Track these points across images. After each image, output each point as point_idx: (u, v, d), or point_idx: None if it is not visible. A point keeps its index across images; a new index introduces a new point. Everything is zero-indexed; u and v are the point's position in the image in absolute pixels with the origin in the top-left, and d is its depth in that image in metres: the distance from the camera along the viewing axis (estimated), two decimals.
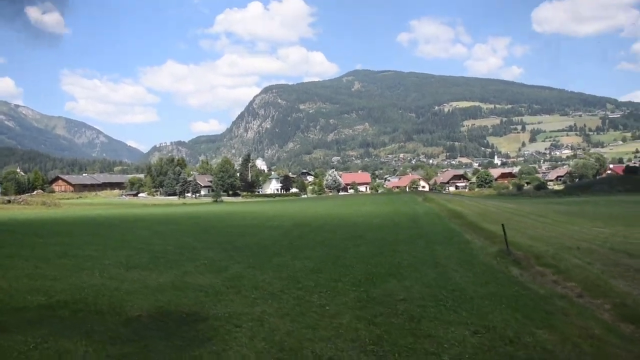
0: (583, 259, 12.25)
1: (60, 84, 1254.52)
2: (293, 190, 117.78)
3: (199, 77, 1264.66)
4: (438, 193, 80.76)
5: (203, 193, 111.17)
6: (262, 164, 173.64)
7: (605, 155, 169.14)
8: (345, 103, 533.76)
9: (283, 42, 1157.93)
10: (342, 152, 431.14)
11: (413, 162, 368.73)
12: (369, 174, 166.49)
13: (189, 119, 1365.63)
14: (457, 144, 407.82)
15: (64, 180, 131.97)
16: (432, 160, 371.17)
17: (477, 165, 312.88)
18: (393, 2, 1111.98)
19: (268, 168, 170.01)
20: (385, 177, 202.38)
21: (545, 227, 20.82)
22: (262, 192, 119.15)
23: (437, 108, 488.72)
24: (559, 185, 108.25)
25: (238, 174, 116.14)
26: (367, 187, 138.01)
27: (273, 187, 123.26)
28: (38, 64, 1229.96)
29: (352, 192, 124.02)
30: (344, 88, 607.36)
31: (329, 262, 12.82)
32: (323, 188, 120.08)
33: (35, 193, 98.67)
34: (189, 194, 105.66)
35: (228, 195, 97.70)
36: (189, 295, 9.33)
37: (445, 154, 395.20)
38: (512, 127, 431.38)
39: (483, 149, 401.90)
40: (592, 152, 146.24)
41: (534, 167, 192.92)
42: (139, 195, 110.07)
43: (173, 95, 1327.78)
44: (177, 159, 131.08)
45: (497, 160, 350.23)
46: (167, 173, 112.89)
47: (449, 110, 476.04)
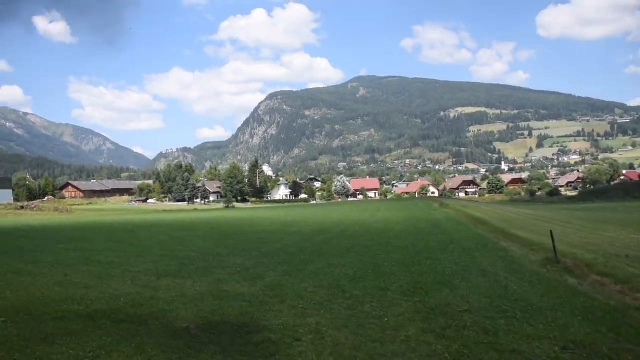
0: (638, 268, 11.62)
1: (67, 92, 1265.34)
2: (302, 196, 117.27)
3: (204, 84, 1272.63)
4: (452, 199, 79.92)
5: (212, 199, 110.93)
6: (268, 170, 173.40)
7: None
8: (351, 109, 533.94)
9: (287, 48, 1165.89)
10: (347, 158, 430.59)
11: (419, 168, 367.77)
12: (378, 180, 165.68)
13: (195, 126, 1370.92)
14: (463, 150, 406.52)
15: (74, 187, 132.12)
16: (438, 166, 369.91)
17: (484, 171, 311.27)
18: (396, 7, 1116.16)
19: (275, 174, 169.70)
20: (393, 183, 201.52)
21: (578, 233, 20.15)
22: (270, 197, 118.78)
23: (442, 114, 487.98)
24: (571, 191, 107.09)
25: (246, 180, 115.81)
26: (376, 193, 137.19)
27: (282, 192, 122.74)
28: (45, 72, 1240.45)
29: (361, 198, 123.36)
30: (349, 94, 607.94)
31: (368, 270, 12.26)
32: (332, 194, 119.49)
33: (47, 199, 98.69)
34: (198, 200, 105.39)
35: (237, 201, 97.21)
36: (233, 305, 8.81)
37: (452, 160, 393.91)
38: (518, 132, 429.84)
39: (490, 155, 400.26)
40: (604, 157, 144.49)
41: (544, 173, 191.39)
42: (148, 202, 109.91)
43: (178, 102, 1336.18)
44: (185, 165, 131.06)
45: (504, 166, 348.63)
46: (175, 179, 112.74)
47: (455, 116, 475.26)
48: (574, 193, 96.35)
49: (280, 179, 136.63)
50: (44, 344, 6.36)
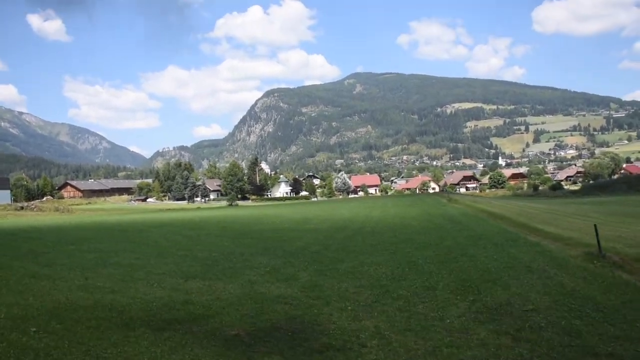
0: None
1: (63, 91, 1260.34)
2: (303, 194, 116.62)
3: (200, 81, 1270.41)
4: (459, 194, 79.44)
5: (212, 197, 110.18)
6: (265, 168, 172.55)
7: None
8: (347, 106, 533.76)
9: (283, 45, 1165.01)
10: (345, 154, 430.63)
11: (417, 163, 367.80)
12: (378, 177, 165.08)
13: (191, 124, 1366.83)
14: (460, 145, 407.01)
15: (73, 186, 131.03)
16: (435, 162, 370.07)
17: (481, 167, 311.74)
18: (392, 3, 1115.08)
19: (274, 171, 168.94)
20: (392, 179, 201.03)
21: (606, 227, 19.60)
22: (271, 195, 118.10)
23: (439, 109, 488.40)
24: (574, 186, 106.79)
25: (246, 178, 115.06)
26: (376, 189, 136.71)
27: (282, 190, 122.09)
28: (40, 71, 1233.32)
29: (361, 194, 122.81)
30: (346, 91, 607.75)
31: (405, 268, 11.69)
32: (333, 191, 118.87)
33: (45, 199, 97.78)
34: (198, 199, 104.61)
35: (237, 199, 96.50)
36: (276, 309, 8.23)
37: (449, 156, 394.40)
38: (515, 127, 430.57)
39: (487, 150, 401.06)
40: (605, 151, 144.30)
41: (542, 167, 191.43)
42: (148, 201, 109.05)
43: (175, 101, 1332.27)
44: (184, 164, 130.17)
45: (501, 161, 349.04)
46: (174, 178, 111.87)
47: (452, 112, 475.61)
48: (577, 187, 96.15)
49: (281, 177, 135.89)
50: (88, 357, 5.77)
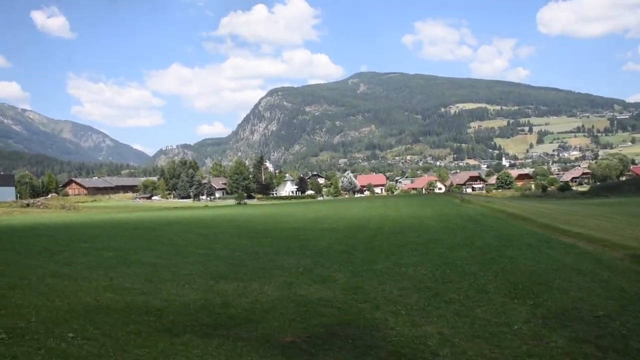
0: None
1: (66, 88, 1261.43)
2: (308, 192, 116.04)
3: (204, 80, 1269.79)
4: (469, 195, 78.65)
5: (218, 196, 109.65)
6: (269, 167, 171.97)
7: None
8: (351, 105, 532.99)
9: (287, 44, 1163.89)
10: (348, 154, 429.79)
11: (420, 163, 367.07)
12: (385, 176, 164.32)
13: (195, 122, 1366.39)
14: (464, 146, 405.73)
15: (78, 184, 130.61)
16: (439, 162, 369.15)
17: (485, 167, 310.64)
18: (397, 3, 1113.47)
19: (278, 170, 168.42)
20: (397, 178, 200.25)
21: (636, 229, 19.06)
22: (276, 194, 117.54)
23: (443, 110, 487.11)
24: (582, 187, 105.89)
25: (251, 176, 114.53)
26: (382, 189, 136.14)
27: (288, 189, 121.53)
28: (44, 68, 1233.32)
29: (367, 194, 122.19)
30: (350, 90, 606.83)
31: (444, 269, 11.13)
32: (339, 190, 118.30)
33: (50, 196, 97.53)
34: (204, 197, 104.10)
35: (243, 198, 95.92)
36: (323, 312, 7.70)
37: (453, 156, 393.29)
38: (519, 128, 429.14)
39: (490, 151, 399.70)
40: (614, 152, 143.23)
41: (547, 168, 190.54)
42: (153, 198, 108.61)
43: (178, 99, 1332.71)
44: (189, 162, 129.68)
45: (505, 162, 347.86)
46: (180, 175, 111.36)
47: (456, 112, 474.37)
48: (585, 189, 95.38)
49: (286, 175, 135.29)
50: None
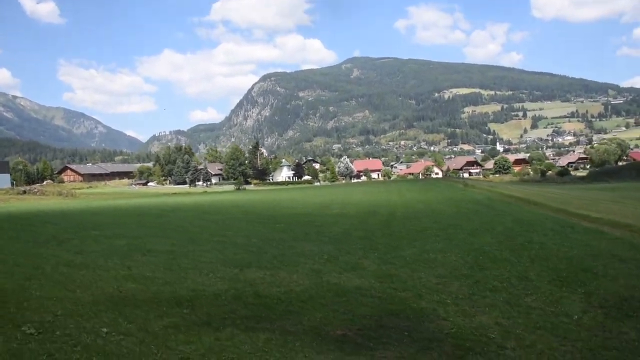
0: None
1: (57, 74, 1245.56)
2: (305, 178, 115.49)
3: (196, 65, 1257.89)
4: (470, 179, 78.44)
5: (214, 181, 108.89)
6: (264, 152, 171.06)
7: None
8: (345, 90, 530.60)
9: (280, 29, 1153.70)
10: (342, 139, 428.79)
11: (414, 149, 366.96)
12: (381, 161, 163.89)
13: (187, 108, 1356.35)
14: (458, 131, 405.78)
15: (73, 170, 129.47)
16: (433, 147, 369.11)
17: (479, 152, 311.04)
18: None
19: (273, 155, 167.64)
20: (392, 164, 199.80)
21: None
22: (273, 179, 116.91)
23: (437, 95, 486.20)
24: (580, 172, 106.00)
25: (247, 162, 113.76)
26: (378, 174, 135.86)
27: (284, 174, 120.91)
28: (34, 55, 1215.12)
29: (364, 179, 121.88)
30: (343, 75, 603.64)
31: (476, 255, 10.78)
32: (336, 175, 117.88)
33: (46, 183, 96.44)
34: (200, 183, 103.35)
35: (242, 183, 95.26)
36: (365, 302, 7.33)
37: (447, 141, 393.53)
38: (513, 113, 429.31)
39: (484, 136, 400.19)
40: (612, 137, 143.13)
41: (543, 153, 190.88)
42: (149, 184, 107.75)
43: (170, 85, 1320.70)
44: (184, 147, 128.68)
45: (499, 147, 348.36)
46: (175, 161, 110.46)
47: (449, 97, 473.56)
48: (583, 173, 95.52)
49: (283, 161, 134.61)
50: None
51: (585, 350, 5.29)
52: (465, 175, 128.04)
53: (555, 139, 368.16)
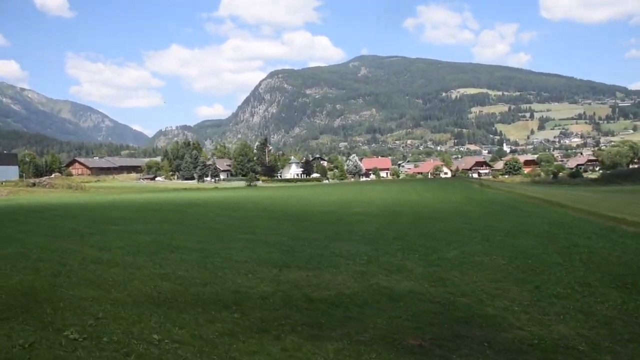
0: None
1: (65, 67, 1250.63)
2: (314, 175, 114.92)
3: (204, 61, 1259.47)
4: (484, 180, 77.62)
5: (222, 177, 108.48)
6: (270, 148, 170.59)
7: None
8: (352, 88, 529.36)
9: (288, 26, 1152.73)
10: (348, 137, 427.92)
11: (421, 148, 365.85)
12: (390, 160, 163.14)
13: (194, 104, 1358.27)
14: (465, 131, 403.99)
15: (81, 164, 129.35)
16: (440, 147, 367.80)
17: (486, 152, 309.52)
18: None
19: (281, 152, 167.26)
20: (399, 162, 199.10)
21: None
22: (281, 176, 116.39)
23: (444, 94, 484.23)
24: (592, 174, 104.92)
25: (255, 158, 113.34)
26: (387, 173, 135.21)
27: (293, 171, 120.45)
28: (43, 47, 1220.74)
29: (373, 177, 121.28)
30: (350, 73, 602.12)
31: (523, 258, 10.27)
32: (345, 173, 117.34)
33: (54, 176, 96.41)
34: (208, 178, 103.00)
35: (254, 180, 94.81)
36: (428, 309, 6.82)
37: (453, 141, 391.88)
38: (520, 114, 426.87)
39: (491, 136, 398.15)
40: (625, 140, 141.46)
41: (552, 155, 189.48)
42: (156, 179, 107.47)
43: (178, 80, 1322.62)
44: (192, 143, 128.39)
45: (506, 148, 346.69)
46: (183, 157, 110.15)
47: (457, 97, 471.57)
48: (595, 175, 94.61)
49: (291, 158, 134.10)
50: None
51: None
52: (475, 176, 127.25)
53: (563, 141, 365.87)
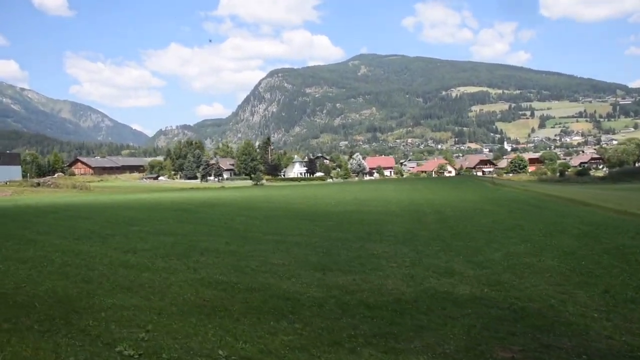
0: None
1: (64, 67, 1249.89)
2: (317, 174, 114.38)
3: (203, 60, 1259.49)
4: (497, 179, 77.03)
5: (226, 176, 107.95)
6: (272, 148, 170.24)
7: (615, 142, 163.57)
8: (352, 87, 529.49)
9: (287, 25, 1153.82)
10: (349, 136, 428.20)
11: (421, 147, 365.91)
12: (394, 159, 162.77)
13: (194, 103, 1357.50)
14: (465, 129, 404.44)
15: (84, 163, 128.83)
16: (440, 145, 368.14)
17: (487, 151, 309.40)
18: None
19: (283, 151, 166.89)
20: (401, 161, 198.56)
21: None
22: (285, 175, 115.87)
23: (444, 93, 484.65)
24: (599, 172, 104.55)
25: (259, 157, 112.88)
26: (391, 171, 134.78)
27: (296, 170, 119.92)
28: (42, 47, 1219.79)
29: (377, 176, 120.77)
30: (350, 72, 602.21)
31: (575, 260, 9.78)
32: (349, 172, 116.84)
33: (57, 176, 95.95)
34: (211, 178, 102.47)
35: (251, 179, 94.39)
36: (500, 316, 6.37)
37: (454, 139, 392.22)
38: (520, 112, 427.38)
39: (492, 135, 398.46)
40: (630, 138, 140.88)
41: (555, 153, 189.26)
42: (159, 179, 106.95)
43: (178, 79, 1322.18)
44: (195, 142, 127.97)
45: (506, 146, 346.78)
46: (186, 156, 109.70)
47: (457, 95, 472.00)
48: (602, 173, 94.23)
49: (295, 157, 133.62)
50: None
51: None
52: (479, 174, 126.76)
53: (563, 139, 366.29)
